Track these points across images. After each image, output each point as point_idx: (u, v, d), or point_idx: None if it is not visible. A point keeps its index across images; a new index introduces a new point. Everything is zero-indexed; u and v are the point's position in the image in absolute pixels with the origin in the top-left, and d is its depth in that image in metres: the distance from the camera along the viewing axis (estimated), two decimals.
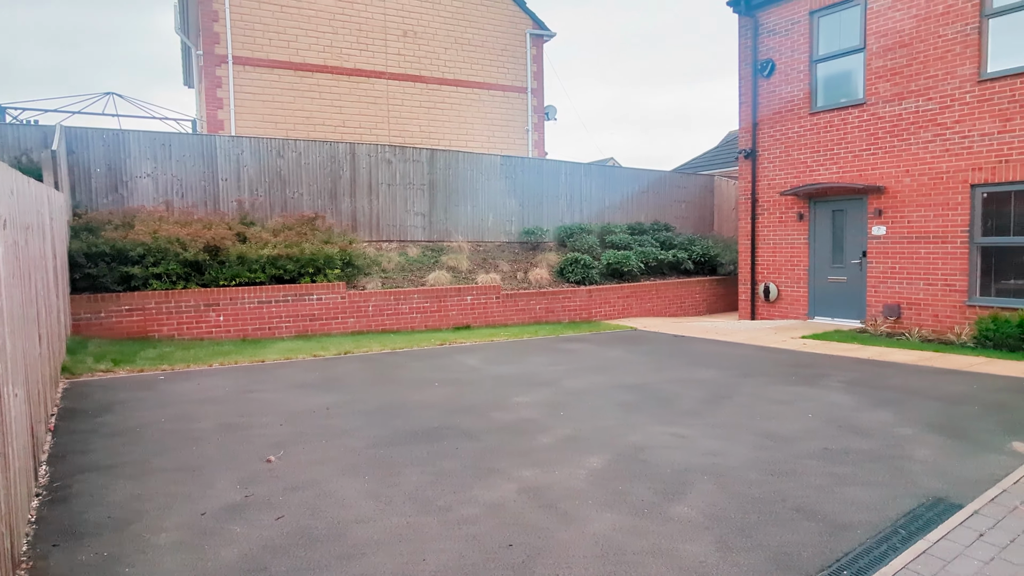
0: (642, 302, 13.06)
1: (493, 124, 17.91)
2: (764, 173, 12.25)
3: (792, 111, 11.68)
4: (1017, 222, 9.01)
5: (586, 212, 15.25)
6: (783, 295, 12.04)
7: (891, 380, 6.72)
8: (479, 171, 13.85)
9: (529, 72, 18.32)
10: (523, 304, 11.57)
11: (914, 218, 10.03)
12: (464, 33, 17.48)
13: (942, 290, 9.73)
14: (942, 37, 9.57)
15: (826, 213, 11.35)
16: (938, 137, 9.69)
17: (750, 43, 12.27)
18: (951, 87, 9.51)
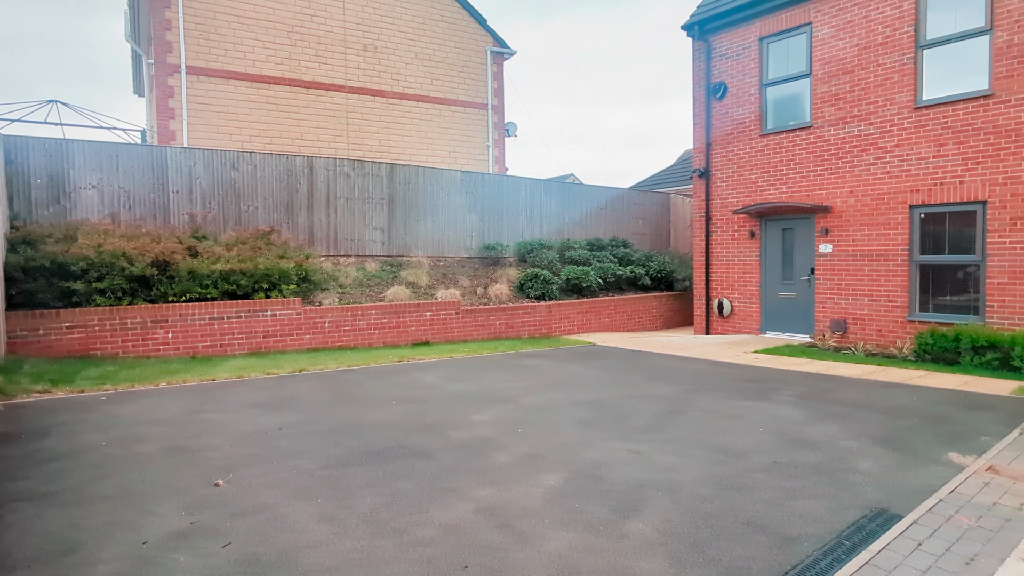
0: (601, 317, 13.21)
1: (454, 139, 17.95)
2: (717, 192, 12.61)
3: (744, 132, 12.09)
4: (951, 241, 9.50)
5: (546, 228, 15.39)
6: (736, 310, 12.36)
7: (837, 394, 6.95)
8: (439, 186, 13.84)
9: (490, 89, 18.47)
10: (483, 320, 11.56)
11: (858, 237, 10.47)
12: (425, 49, 17.54)
13: (885, 306, 10.15)
14: (881, 66, 10.08)
15: (776, 231, 11.75)
16: (879, 160, 10.16)
17: (703, 66, 12.67)
18: (890, 113, 10.00)
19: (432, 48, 17.64)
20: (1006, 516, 3.69)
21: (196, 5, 14.46)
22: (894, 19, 9.91)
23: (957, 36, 9.31)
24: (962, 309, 9.40)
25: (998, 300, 8.93)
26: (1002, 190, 8.86)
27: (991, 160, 8.95)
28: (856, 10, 10.35)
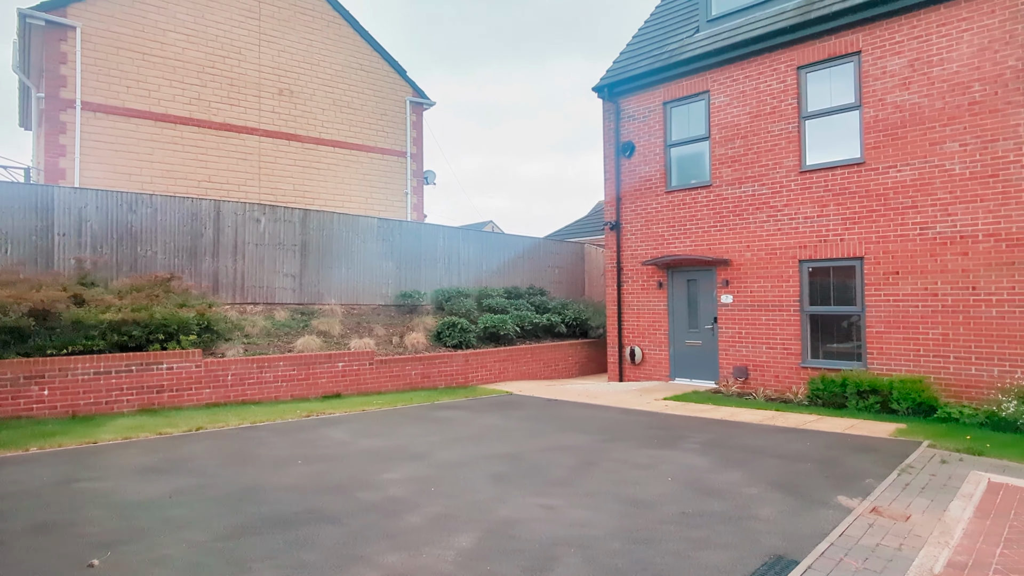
0: (518, 365, 13.26)
1: (371, 186, 17.84)
2: (628, 244, 13.18)
3: (651, 189, 12.79)
4: (836, 293, 10.35)
5: (464, 276, 15.43)
6: (647, 358, 12.79)
7: (741, 440, 7.27)
8: (355, 233, 13.63)
9: (408, 137, 18.62)
10: (398, 370, 11.30)
11: (755, 288, 11.20)
12: (344, 96, 17.51)
13: (781, 353, 10.84)
14: (770, 132, 11.05)
15: (682, 282, 12.37)
16: (771, 218, 11.01)
17: (613, 126, 13.40)
18: (780, 175, 10.92)
19: (351, 95, 17.64)
20: (888, 557, 3.94)
21: (97, 40, 13.79)
22: (780, 92, 10.94)
23: (833, 110, 10.39)
24: (848, 356, 10.19)
25: (877, 347, 9.75)
26: (876, 247, 9.80)
27: (866, 220, 9.91)
28: (747, 82, 11.35)
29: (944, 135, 9.19)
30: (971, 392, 8.81)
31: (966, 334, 8.94)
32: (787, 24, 10.64)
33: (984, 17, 8.89)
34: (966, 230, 8.98)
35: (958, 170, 9.07)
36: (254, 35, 15.94)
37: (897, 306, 9.58)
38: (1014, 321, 8.56)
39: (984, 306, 8.81)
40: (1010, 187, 8.64)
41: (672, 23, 13.54)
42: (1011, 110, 8.65)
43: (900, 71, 9.61)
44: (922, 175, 9.38)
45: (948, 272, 9.12)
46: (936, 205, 9.25)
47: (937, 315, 9.20)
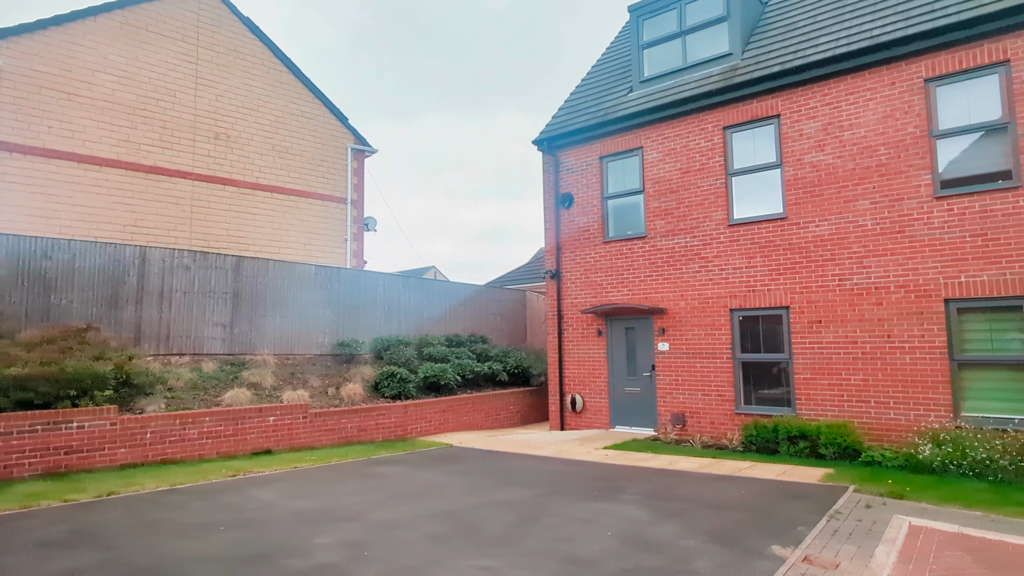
0: (459, 416, 13.02)
1: (310, 232, 17.52)
2: (568, 292, 13.38)
3: (589, 239, 13.11)
4: (765, 341, 10.76)
5: (404, 324, 15.21)
6: (588, 405, 12.83)
7: (678, 490, 7.32)
8: (291, 280, 13.27)
9: (350, 184, 18.50)
10: (333, 423, 10.88)
11: (690, 336, 11.52)
12: (283, 142, 17.31)
13: (716, 400, 11.10)
14: (700, 188, 11.60)
15: (620, 330, 12.59)
16: (703, 268, 11.45)
17: (552, 178, 13.76)
18: (710, 228, 11.43)
19: (291, 141, 17.46)
20: None
21: (19, 78, 13.20)
22: (707, 150, 11.56)
23: (757, 168, 11.03)
24: (779, 402, 10.54)
25: (805, 393, 10.15)
26: (800, 297, 10.31)
27: (790, 272, 10.45)
28: (678, 140, 11.95)
29: (856, 193, 9.90)
30: (891, 435, 9.24)
31: (884, 380, 9.44)
32: (713, 88, 11.34)
33: (886, 88, 9.75)
34: (880, 282, 9.59)
35: (870, 226, 9.74)
36: (190, 79, 15.66)
37: (821, 353, 10.05)
38: (925, 367, 9.11)
39: (899, 353, 9.36)
40: (916, 242, 9.33)
41: (608, 82, 14.19)
42: (912, 172, 9.43)
43: (815, 134, 10.35)
44: (839, 230, 10.01)
45: (866, 321, 9.67)
46: (852, 258, 9.87)
47: (858, 361, 9.69)
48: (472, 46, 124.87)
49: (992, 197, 8.81)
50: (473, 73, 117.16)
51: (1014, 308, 8.62)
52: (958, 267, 8.98)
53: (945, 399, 8.90)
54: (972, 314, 8.95)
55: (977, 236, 8.87)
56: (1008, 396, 8.58)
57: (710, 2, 12.22)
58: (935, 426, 8.67)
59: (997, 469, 7.51)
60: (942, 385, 8.95)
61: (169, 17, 15.42)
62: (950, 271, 9.03)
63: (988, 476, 7.56)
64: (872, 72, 9.90)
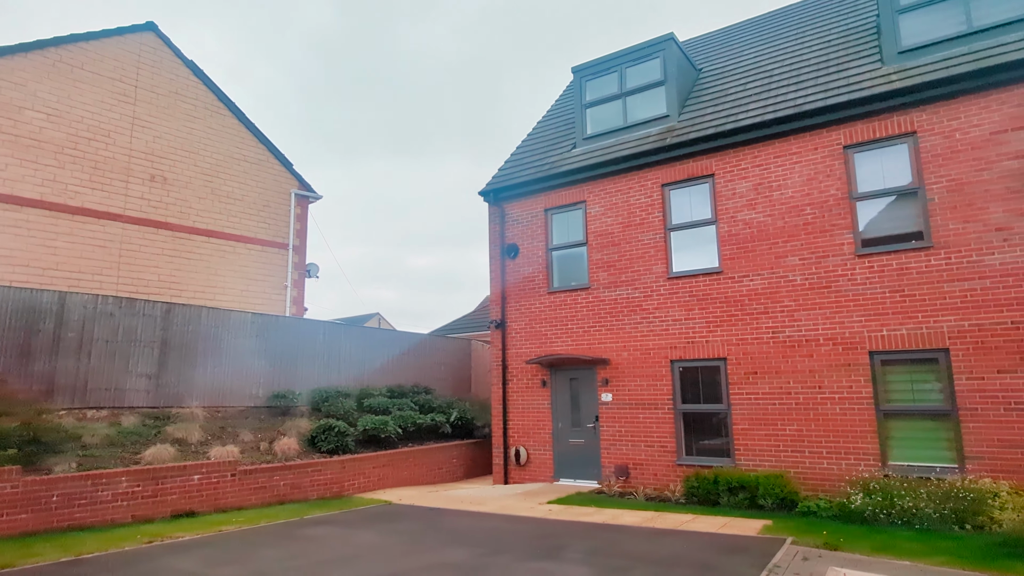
0: (400, 470, 12.57)
1: (248, 278, 16.98)
2: (512, 342, 13.34)
3: (534, 289, 13.20)
4: (705, 392, 10.97)
5: (345, 374, 14.77)
6: (532, 458, 12.65)
7: (622, 546, 7.21)
8: (226, 328, 12.74)
9: (292, 229, 18.16)
10: (264, 481, 10.29)
11: (633, 387, 11.62)
12: (224, 186, 16.91)
13: (658, 451, 11.15)
14: (641, 241, 11.94)
15: (564, 381, 12.60)
16: (645, 320, 11.68)
17: (498, 228, 13.90)
18: (650, 280, 11.72)
19: (232, 185, 17.08)
20: None
21: None
22: (647, 205, 11.97)
23: (694, 223, 11.48)
24: (719, 452, 10.68)
25: (743, 444, 10.33)
26: (737, 349, 10.62)
27: (727, 324, 10.78)
28: (619, 195, 12.34)
29: (786, 250, 10.40)
30: (825, 485, 9.47)
31: (817, 430, 9.73)
32: (651, 147, 11.84)
33: (810, 152, 10.42)
34: (810, 334, 10.00)
35: (799, 281, 10.21)
36: (127, 119, 15.21)
37: (758, 404, 10.30)
38: (854, 417, 9.46)
39: (829, 403, 9.70)
40: (841, 297, 9.82)
41: (552, 138, 14.63)
42: (836, 231, 10.01)
43: (747, 193, 10.90)
44: (771, 284, 10.45)
45: (798, 372, 10.01)
46: (784, 311, 10.28)
47: (792, 412, 9.98)
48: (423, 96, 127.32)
49: (907, 256, 9.42)
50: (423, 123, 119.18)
51: (931, 360, 9.12)
52: (880, 321, 9.48)
53: (873, 449, 9.23)
54: (894, 366, 9.41)
55: (895, 292, 9.43)
56: (929, 445, 8.97)
57: (648, 67, 12.91)
58: (865, 475, 8.95)
59: (923, 517, 7.77)
60: (870, 435, 9.29)
61: (107, 57, 15.06)
62: (873, 324, 9.52)
63: (915, 524, 7.80)
64: (797, 137, 10.58)
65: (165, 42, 16.19)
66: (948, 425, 8.87)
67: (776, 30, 14.11)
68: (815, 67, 11.52)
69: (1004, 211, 8.84)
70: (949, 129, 9.38)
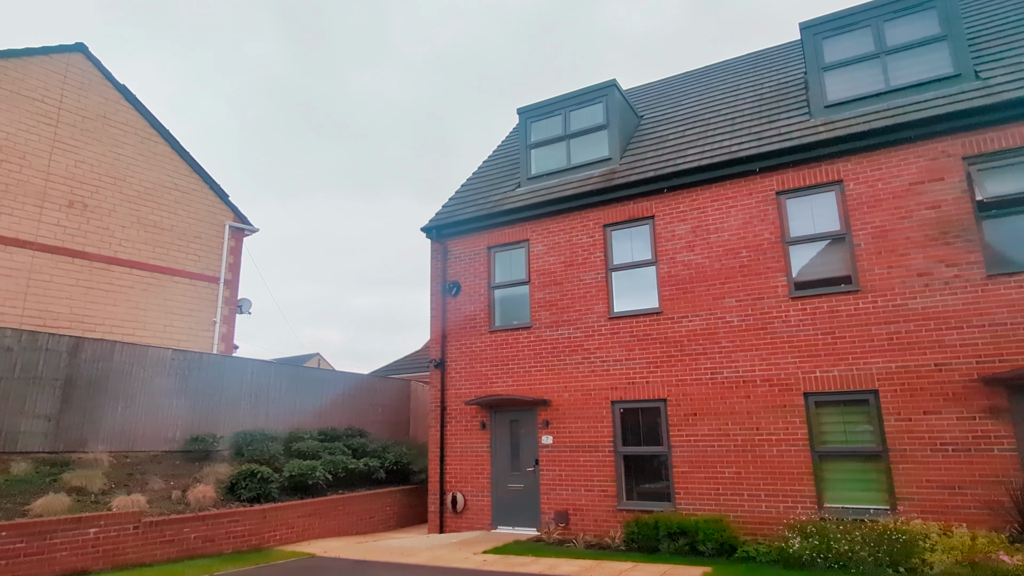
0: (328, 520, 11.76)
1: (173, 313, 16.00)
2: (452, 382, 12.91)
3: (475, 328, 12.90)
4: (645, 434, 10.81)
5: (273, 416, 13.93)
6: (469, 505, 12.09)
7: None
8: (142, 366, 11.83)
9: (224, 263, 17.34)
10: (173, 533, 9.36)
11: (573, 429, 11.35)
12: (152, 215, 16.05)
13: (599, 496, 10.84)
14: (583, 281, 11.89)
15: (505, 422, 12.21)
16: (586, 360, 11.52)
17: (440, 266, 13.62)
18: (592, 320, 11.63)
19: (161, 215, 16.24)
20: None
21: None
22: (589, 245, 11.98)
23: (635, 264, 11.52)
24: (659, 496, 10.46)
25: (683, 487, 10.15)
26: (676, 390, 10.55)
27: (667, 364, 10.73)
28: (561, 234, 12.33)
29: (724, 291, 10.52)
30: (764, 529, 9.35)
31: (755, 472, 9.67)
32: (593, 188, 11.94)
33: (744, 198, 10.70)
34: (747, 375, 10.05)
35: (736, 322, 10.31)
36: (46, 141, 14.33)
37: (697, 446, 10.20)
38: (790, 459, 9.46)
39: (767, 445, 9.68)
40: (776, 339, 9.95)
41: (497, 177, 14.62)
42: (771, 274, 10.21)
43: (686, 235, 11.05)
44: (709, 325, 10.51)
45: (736, 414, 10.00)
46: (722, 352, 10.33)
47: (731, 454, 9.90)
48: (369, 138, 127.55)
49: (837, 299, 9.66)
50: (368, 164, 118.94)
51: (862, 401, 9.27)
52: (813, 362, 9.62)
53: (810, 491, 9.21)
54: (828, 407, 9.52)
55: (827, 334, 9.62)
56: (862, 487, 9.03)
57: (591, 111, 13.16)
58: (803, 518, 8.87)
59: (859, 561, 7.71)
60: (806, 476, 9.29)
61: (30, 76, 14.25)
62: (807, 366, 9.65)
63: (851, 568, 7.72)
64: (733, 183, 10.87)
65: (95, 64, 15.50)
66: (880, 466, 8.96)
67: (713, 82, 14.71)
68: (749, 117, 11.98)
69: (924, 257, 9.22)
70: (872, 179, 9.81)
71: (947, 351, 8.82)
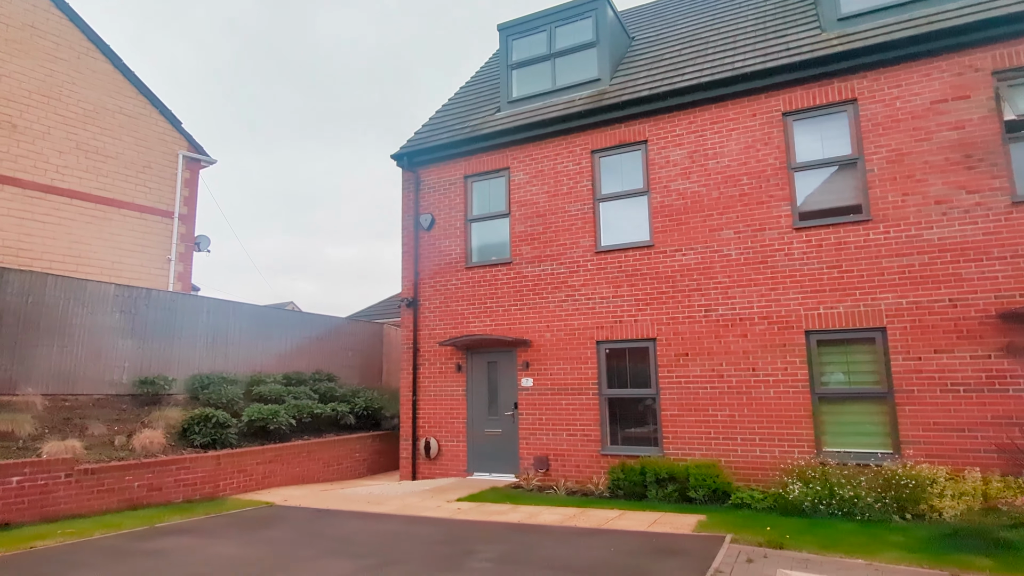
0: (291, 467, 10.96)
1: (122, 249, 14.69)
2: (425, 323, 12.00)
3: (451, 264, 11.91)
4: (632, 376, 10.07)
5: (233, 359, 12.93)
6: (444, 451, 11.38)
7: (538, 551, 6.09)
8: (80, 301, 10.67)
9: (179, 196, 15.94)
10: (113, 482, 8.46)
11: (555, 371, 10.58)
12: (93, 140, 14.53)
13: (581, 441, 10.16)
14: (568, 212, 10.90)
15: (482, 365, 11.39)
16: (570, 297, 10.65)
17: (413, 196, 12.50)
18: (577, 255, 10.70)
19: (103, 140, 14.71)
20: None
21: None
22: (576, 173, 10.94)
23: (625, 194, 10.55)
24: (646, 441, 9.80)
25: (672, 431, 9.49)
26: (667, 328, 9.77)
27: (657, 302, 9.91)
28: (546, 161, 11.25)
29: (721, 222, 9.64)
30: (758, 475, 8.76)
31: (750, 415, 9.01)
32: (581, 109, 10.82)
33: (747, 120, 9.70)
34: (744, 313, 9.28)
35: (734, 255, 9.47)
36: None
37: (688, 388, 9.49)
38: (788, 401, 8.80)
39: (763, 387, 9.00)
40: (778, 273, 9.15)
41: (475, 102, 13.38)
42: (773, 203, 9.33)
43: (681, 161, 10.07)
44: (704, 259, 9.66)
45: (731, 354, 9.27)
46: (718, 288, 9.51)
47: (724, 396, 9.22)
48: (345, 83, 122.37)
49: (846, 230, 8.84)
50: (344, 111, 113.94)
51: (868, 340, 8.58)
52: (817, 298, 8.86)
53: (808, 435, 8.59)
54: (831, 346, 8.81)
55: (833, 268, 8.83)
56: (867, 430, 8.42)
57: (580, 27, 11.89)
58: (801, 463, 8.25)
59: (864, 508, 7.12)
60: (805, 420, 8.65)
61: None
62: (810, 302, 8.89)
63: (855, 515, 7.14)
64: (735, 103, 9.84)
65: None
66: (884, 408, 8.34)
67: (710, 2, 13.45)
68: (752, 34, 10.86)
69: (943, 184, 8.39)
70: (890, 97, 8.86)
71: (964, 285, 8.09)
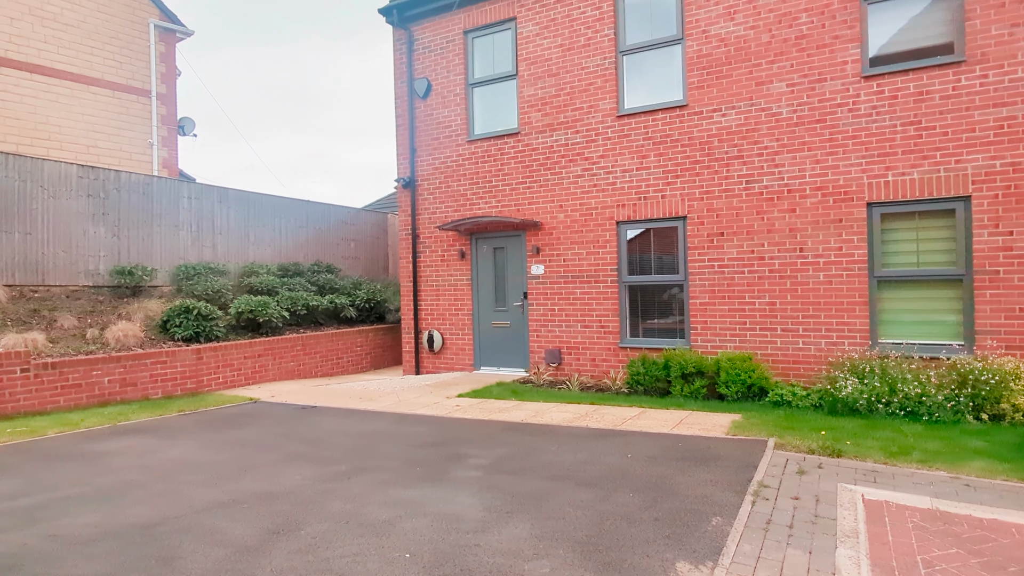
0: (284, 361, 10.21)
1: (96, 131, 13.40)
2: (424, 205, 10.72)
3: (451, 137, 10.42)
4: (657, 261, 8.81)
5: (222, 250, 11.94)
6: (448, 344, 10.47)
7: (541, 455, 5.13)
8: (41, 185, 9.57)
9: (155, 72, 14.37)
10: (80, 377, 7.70)
11: (569, 256, 9.35)
12: (50, 6, 12.83)
13: (598, 332, 9.11)
14: (585, 69, 9.20)
15: (488, 251, 10.20)
16: (586, 172, 9.20)
17: (405, 59, 10.79)
18: (595, 120, 9.13)
19: (63, 6, 13.00)
20: None
21: None
22: (595, 20, 9.11)
23: (654, 44, 8.76)
24: (671, 333, 8.70)
25: (701, 321, 8.34)
26: (700, 204, 8.35)
27: (689, 173, 8.43)
28: (559, 7, 9.39)
29: (771, 73, 7.91)
30: (799, 369, 7.66)
31: (793, 302, 7.77)
32: None
33: None
34: (793, 183, 7.78)
35: (785, 114, 7.83)
36: None
37: (722, 272, 8.22)
38: (841, 286, 7.50)
39: (811, 269, 7.68)
40: (837, 133, 7.54)
41: None
42: (839, 45, 7.53)
43: None
44: (748, 119, 8.04)
45: (775, 232, 7.88)
46: (763, 154, 7.96)
47: (764, 281, 7.95)
48: None
49: (930, 76, 7.09)
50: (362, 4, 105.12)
51: (946, 212, 7.09)
52: (885, 163, 7.30)
53: (863, 323, 7.36)
54: (897, 220, 7.35)
55: (909, 125, 7.18)
56: (936, 319, 7.13)
57: None
58: (853, 356, 7.10)
59: (933, 407, 6.00)
60: (860, 307, 7.39)
61: None
62: (875, 168, 7.34)
63: (922, 415, 6.04)
64: None
65: None
66: (958, 293, 7.00)
67: None
68: None
69: None
70: None
71: None
